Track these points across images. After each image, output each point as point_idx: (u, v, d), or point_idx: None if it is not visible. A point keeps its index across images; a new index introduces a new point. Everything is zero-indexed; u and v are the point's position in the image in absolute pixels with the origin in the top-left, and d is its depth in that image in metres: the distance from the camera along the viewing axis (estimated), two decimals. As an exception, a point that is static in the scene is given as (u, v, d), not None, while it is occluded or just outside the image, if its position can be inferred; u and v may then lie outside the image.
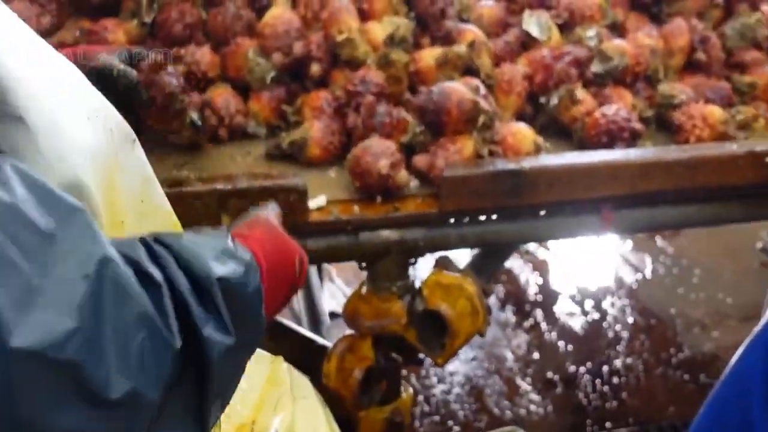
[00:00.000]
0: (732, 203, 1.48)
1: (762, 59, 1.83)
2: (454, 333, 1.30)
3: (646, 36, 1.72)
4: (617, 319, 3.02)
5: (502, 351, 2.78)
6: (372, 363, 1.33)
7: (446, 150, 1.30)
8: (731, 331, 2.97)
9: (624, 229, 1.44)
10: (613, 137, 1.43)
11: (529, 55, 1.60)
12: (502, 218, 1.33)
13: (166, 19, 1.49)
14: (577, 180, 1.29)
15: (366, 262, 1.30)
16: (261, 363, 1.17)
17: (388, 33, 1.47)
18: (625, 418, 2.45)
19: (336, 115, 1.42)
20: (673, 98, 1.62)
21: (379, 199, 1.27)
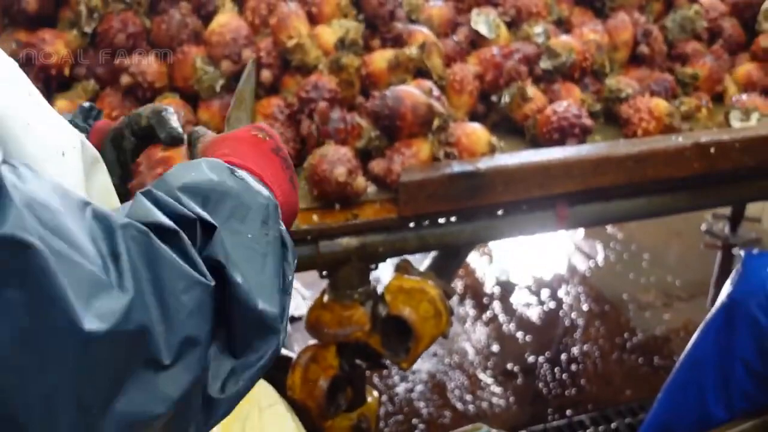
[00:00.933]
0: (680, 193, 1.51)
1: (702, 50, 1.88)
2: (418, 337, 1.30)
3: (591, 31, 1.75)
4: (572, 307, 3.07)
5: (463, 345, 2.80)
6: (337, 372, 1.32)
7: (402, 154, 1.29)
8: (681, 312, 3.06)
9: (579, 224, 1.46)
10: (564, 134, 1.45)
11: (479, 53, 1.60)
12: (461, 219, 1.33)
13: (107, 29, 1.44)
14: (532, 178, 1.31)
15: (327, 270, 1.29)
16: None
17: (338, 37, 1.46)
18: (584, 405, 2.50)
19: (289, 122, 1.40)
20: (620, 92, 1.65)
21: (338, 206, 1.25)
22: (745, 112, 1.62)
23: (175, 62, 1.46)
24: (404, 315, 1.31)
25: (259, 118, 1.43)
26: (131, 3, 1.46)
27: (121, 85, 1.43)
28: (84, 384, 0.49)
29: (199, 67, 1.42)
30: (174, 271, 0.56)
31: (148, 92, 1.45)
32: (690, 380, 1.70)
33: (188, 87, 1.46)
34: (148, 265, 0.54)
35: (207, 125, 1.44)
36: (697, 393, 1.68)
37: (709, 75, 1.79)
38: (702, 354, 1.67)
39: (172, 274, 0.56)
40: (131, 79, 1.43)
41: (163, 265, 0.55)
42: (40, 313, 0.47)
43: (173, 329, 0.55)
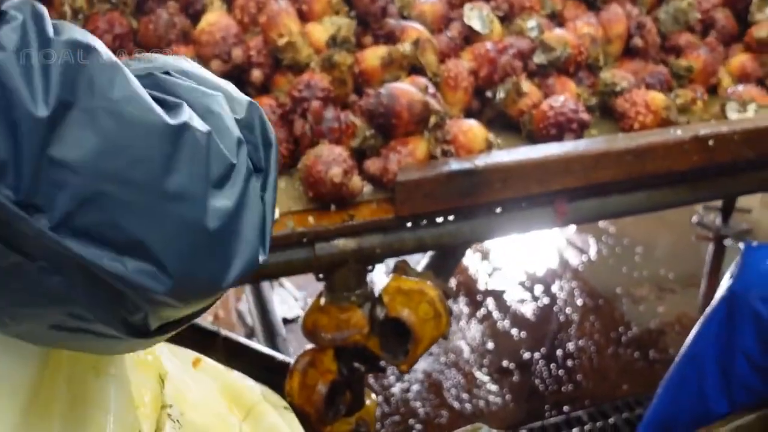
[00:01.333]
0: (679, 186, 1.50)
1: (696, 42, 1.86)
2: (417, 339, 1.28)
3: (585, 24, 1.73)
4: (566, 302, 3.06)
5: (458, 343, 2.78)
6: (335, 376, 1.29)
7: (398, 153, 1.27)
8: (674, 305, 3.06)
9: (578, 219, 1.44)
10: (561, 129, 1.43)
11: (473, 49, 1.58)
12: (459, 218, 1.31)
13: (93, 30, 1.41)
14: (530, 175, 1.28)
15: (323, 273, 1.26)
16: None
17: (330, 34, 1.43)
18: (581, 401, 2.49)
19: (282, 122, 1.37)
20: (615, 85, 1.63)
21: (333, 207, 1.23)
22: (742, 104, 1.61)
23: (164, 63, 1.42)
24: (403, 317, 1.28)
25: (250, 118, 1.40)
26: (117, 3, 1.43)
27: (108, 87, 1.40)
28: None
29: (188, 67, 1.39)
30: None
31: (136, 94, 1.42)
32: (690, 374, 1.69)
33: (177, 88, 1.42)
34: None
35: (197, 127, 1.41)
36: (697, 387, 1.67)
37: (703, 67, 1.78)
38: (702, 348, 1.66)
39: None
40: (118, 81, 1.39)
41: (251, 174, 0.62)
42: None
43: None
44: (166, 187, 0.52)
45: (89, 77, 0.51)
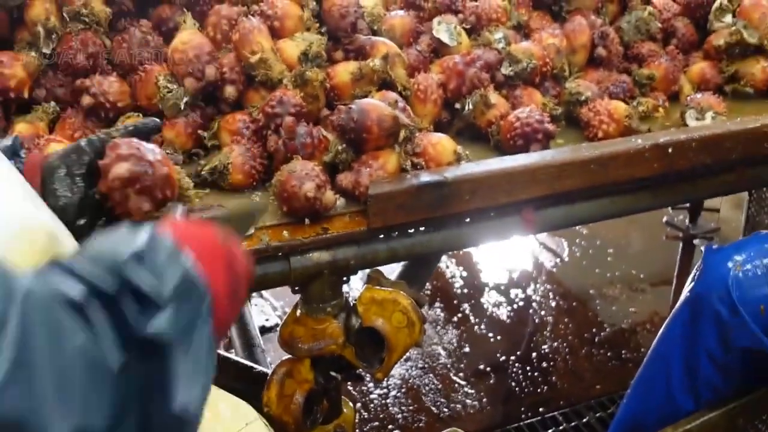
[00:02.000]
0: (642, 193, 1.55)
1: (657, 51, 1.92)
2: (391, 347, 1.32)
3: (550, 35, 1.78)
4: (541, 305, 3.12)
5: (435, 348, 2.82)
6: (312, 385, 1.32)
7: (370, 167, 1.30)
8: (646, 304, 3.13)
9: (545, 227, 1.49)
10: (527, 139, 1.47)
11: (442, 62, 1.62)
12: (430, 229, 1.35)
13: (67, 49, 1.43)
14: (498, 185, 1.32)
15: (299, 285, 1.29)
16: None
17: (301, 50, 1.46)
18: (556, 401, 2.55)
19: (255, 138, 1.40)
20: (579, 95, 1.68)
21: (308, 221, 1.26)
22: (701, 111, 1.67)
23: (138, 81, 1.45)
24: (377, 326, 1.32)
25: (224, 134, 1.43)
26: (90, 22, 1.45)
27: (82, 106, 1.42)
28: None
29: (162, 85, 1.41)
30: (74, 346, 0.50)
31: (111, 112, 1.44)
32: (657, 374, 1.75)
33: (152, 106, 1.44)
34: (43, 338, 0.49)
35: (172, 143, 1.43)
36: (664, 385, 1.72)
37: (664, 75, 1.84)
38: (668, 348, 1.71)
39: (72, 350, 0.50)
40: (93, 100, 1.41)
41: (63, 338, 0.49)
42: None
43: (63, 415, 0.48)
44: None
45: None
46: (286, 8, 1.53)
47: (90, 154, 1.03)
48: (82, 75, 1.44)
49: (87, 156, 1.03)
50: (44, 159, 1.03)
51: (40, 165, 1.02)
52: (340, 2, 1.54)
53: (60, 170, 1.01)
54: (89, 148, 1.04)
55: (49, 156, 1.03)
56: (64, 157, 1.02)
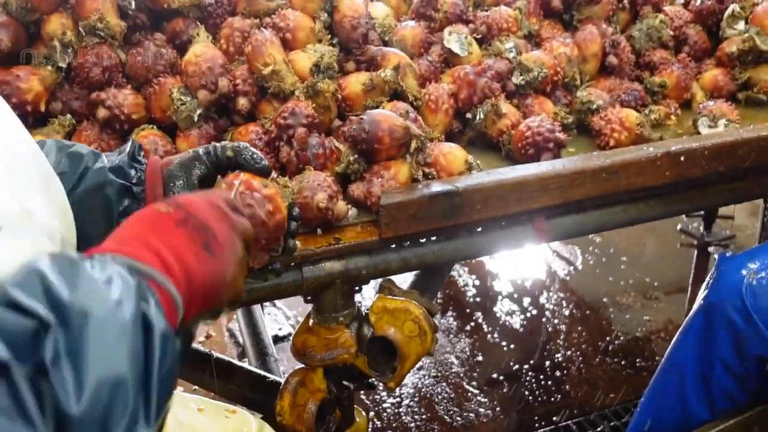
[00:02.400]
0: (654, 201, 1.55)
1: (669, 58, 1.93)
2: (404, 356, 1.32)
3: (561, 44, 1.79)
4: (554, 313, 3.11)
5: (448, 357, 2.82)
6: (325, 395, 1.32)
7: (381, 177, 1.31)
8: (660, 312, 3.11)
9: (557, 236, 1.49)
10: (539, 148, 1.48)
11: (453, 72, 1.63)
12: (441, 238, 1.35)
13: (83, 63, 1.45)
14: (509, 195, 1.33)
15: (311, 295, 1.30)
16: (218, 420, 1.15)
17: (313, 62, 1.48)
18: (570, 410, 2.53)
19: (268, 149, 1.41)
20: (591, 104, 1.69)
21: (320, 231, 1.27)
22: (713, 119, 1.66)
23: (152, 93, 1.47)
24: (389, 335, 1.32)
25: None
26: (105, 36, 1.47)
27: (98, 119, 1.44)
28: None
29: (176, 97, 1.43)
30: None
31: (126, 124, 1.46)
32: (671, 382, 1.73)
33: (166, 118, 1.46)
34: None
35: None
36: (679, 394, 1.71)
37: (676, 83, 1.84)
38: (682, 357, 1.70)
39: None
40: (108, 113, 1.43)
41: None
42: None
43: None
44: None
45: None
46: (297, 20, 1.55)
47: (207, 165, 1.01)
48: (98, 88, 1.46)
49: (204, 167, 1.01)
50: (165, 165, 1.02)
51: (162, 171, 1.01)
52: (351, 14, 1.56)
53: (179, 180, 1.00)
54: (207, 159, 1.02)
55: (170, 162, 1.02)
56: (183, 166, 1.01)
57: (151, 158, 1.04)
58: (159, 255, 0.67)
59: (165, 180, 1.00)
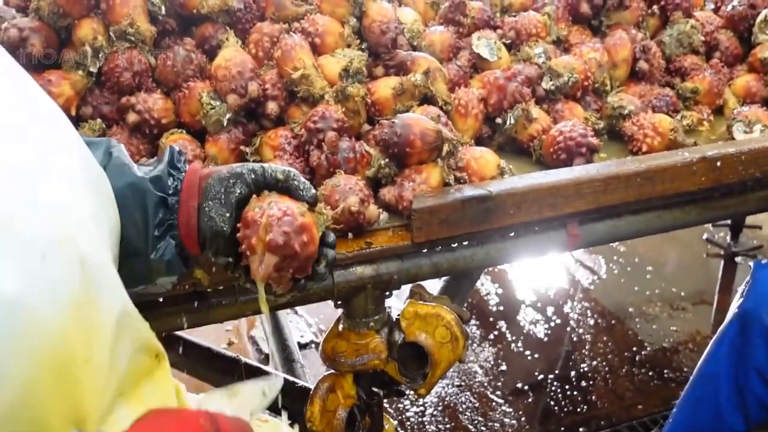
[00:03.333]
0: (689, 207, 1.52)
1: (700, 64, 1.90)
2: (435, 363, 1.30)
3: (591, 50, 1.77)
4: (579, 323, 3.07)
5: (471, 366, 2.79)
6: (355, 401, 1.31)
7: (413, 181, 1.29)
8: (687, 323, 3.07)
9: (590, 242, 1.46)
10: (571, 153, 1.46)
11: (482, 77, 1.62)
12: (473, 243, 1.33)
13: (113, 67, 1.45)
14: (543, 199, 1.31)
15: (341, 299, 1.29)
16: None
17: (342, 66, 1.47)
18: (596, 421, 2.49)
19: (297, 153, 1.40)
20: (622, 109, 1.66)
21: (351, 235, 1.25)
22: (748, 124, 1.63)
23: (181, 98, 1.46)
24: (420, 341, 1.30)
25: (266, 149, 1.44)
26: (135, 41, 1.47)
27: (128, 123, 1.44)
28: None
29: (205, 101, 1.43)
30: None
31: (155, 129, 1.45)
32: (705, 394, 1.70)
33: (195, 122, 1.46)
34: None
35: (215, 159, 1.44)
36: (712, 406, 1.68)
37: (709, 89, 1.81)
38: (716, 367, 1.67)
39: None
40: (138, 117, 1.43)
41: None
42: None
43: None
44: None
45: None
46: (326, 25, 1.55)
47: (249, 185, 0.96)
48: (128, 92, 1.47)
49: (245, 188, 0.96)
50: (205, 177, 0.97)
51: (199, 185, 0.96)
52: (380, 18, 1.55)
53: (215, 200, 0.95)
54: (250, 179, 0.96)
55: (210, 174, 0.97)
56: (222, 182, 0.96)
57: (192, 166, 0.99)
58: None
59: (201, 195, 0.96)
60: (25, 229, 0.57)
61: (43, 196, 0.62)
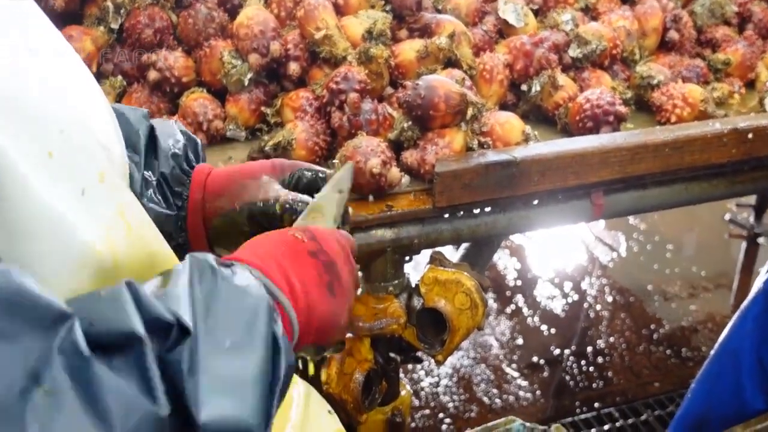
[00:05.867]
0: (717, 180, 1.49)
1: (732, 36, 1.85)
2: (454, 329, 1.28)
3: (620, 17, 1.72)
4: (597, 299, 3.04)
5: (487, 339, 2.78)
6: (372, 365, 1.30)
7: (436, 144, 1.27)
8: (707, 303, 3.03)
9: (614, 213, 1.43)
10: (598, 121, 1.42)
11: (509, 42, 1.58)
12: (495, 210, 1.31)
13: (134, 24, 1.43)
14: (568, 167, 1.28)
15: (361, 263, 1.27)
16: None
17: (365, 28, 1.44)
18: (612, 397, 2.48)
19: (318, 115, 1.38)
20: (651, 78, 1.62)
21: (371, 198, 1.24)
22: (781, 97, 1.59)
23: (203, 56, 1.45)
24: (440, 307, 1.29)
25: (287, 110, 1.42)
26: (157, -3, 1.45)
27: (148, 81, 1.42)
28: None
29: (226, 60, 1.41)
30: (115, 397, 0.47)
31: (176, 87, 1.44)
32: (726, 369, 1.67)
33: (216, 81, 1.44)
34: (79, 391, 0.46)
35: (235, 119, 1.43)
36: (733, 382, 1.65)
37: (741, 61, 1.77)
38: (738, 342, 1.64)
39: (113, 402, 0.47)
40: (159, 75, 1.42)
41: (101, 392, 0.47)
42: None
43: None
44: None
45: None
46: (351, -15, 1.52)
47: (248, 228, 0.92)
48: (149, 50, 1.45)
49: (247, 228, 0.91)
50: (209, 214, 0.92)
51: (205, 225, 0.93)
52: (405, -20, 1.52)
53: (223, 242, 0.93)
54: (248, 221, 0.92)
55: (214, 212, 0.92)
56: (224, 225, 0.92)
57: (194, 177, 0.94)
58: (288, 281, 0.68)
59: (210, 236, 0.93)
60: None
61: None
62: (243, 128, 1.44)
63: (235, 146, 1.43)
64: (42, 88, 0.61)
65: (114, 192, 0.66)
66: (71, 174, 0.60)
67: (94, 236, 0.61)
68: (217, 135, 1.42)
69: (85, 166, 0.62)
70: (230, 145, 1.43)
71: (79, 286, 0.60)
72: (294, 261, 0.70)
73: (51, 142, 0.58)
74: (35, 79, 0.60)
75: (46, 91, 0.61)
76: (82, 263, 0.60)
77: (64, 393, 0.45)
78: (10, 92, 0.56)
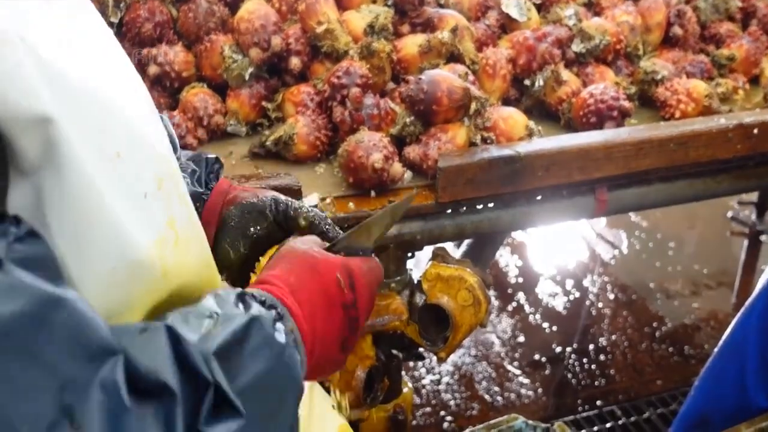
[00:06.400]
0: (721, 176, 1.47)
1: (737, 31, 1.84)
2: (456, 326, 1.27)
3: (623, 12, 1.71)
4: (599, 297, 3.03)
5: (489, 336, 2.77)
6: (374, 362, 1.29)
7: (438, 139, 1.26)
8: (709, 301, 3.02)
9: (618, 208, 1.42)
10: (602, 117, 1.41)
11: (512, 37, 1.57)
12: (499, 206, 1.30)
13: (134, 18, 1.42)
14: (572, 162, 1.27)
15: (363, 259, 1.26)
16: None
17: (367, 22, 1.43)
18: (614, 395, 2.46)
19: (320, 110, 1.37)
20: (655, 74, 1.61)
21: (373, 193, 1.23)
22: (786, 93, 1.58)
23: (203, 51, 1.44)
24: (442, 303, 1.27)
25: (288, 105, 1.41)
26: (157, -9, 1.44)
27: (148, 75, 1.41)
28: None
29: (227, 55, 1.40)
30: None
31: (176, 82, 1.43)
32: (729, 367, 1.66)
33: (216, 76, 1.43)
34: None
35: (236, 114, 1.41)
36: (736, 380, 1.64)
37: (746, 56, 1.75)
38: (742, 339, 1.63)
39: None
40: (159, 69, 1.41)
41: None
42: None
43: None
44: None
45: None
46: (352, -21, 1.51)
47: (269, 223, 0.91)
48: (149, 44, 1.44)
49: (263, 225, 0.91)
50: (227, 204, 0.92)
51: (220, 210, 0.92)
52: (408, -26, 1.51)
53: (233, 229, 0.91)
54: (270, 216, 0.91)
55: (232, 201, 0.92)
56: (243, 215, 0.91)
57: (218, 186, 0.93)
58: (313, 338, 0.68)
59: (220, 219, 0.91)
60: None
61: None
62: (244, 123, 1.43)
63: (235, 141, 1.42)
64: (116, 88, 0.60)
65: (169, 200, 0.65)
66: (136, 177, 0.59)
67: (147, 244, 0.59)
68: (217, 130, 1.41)
69: (148, 171, 0.61)
70: (231, 140, 1.42)
71: (128, 297, 0.59)
72: (327, 314, 0.70)
73: (120, 143, 0.57)
74: (110, 79, 0.59)
75: (120, 92, 0.60)
76: (132, 272, 0.58)
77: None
78: (90, 88, 0.54)
